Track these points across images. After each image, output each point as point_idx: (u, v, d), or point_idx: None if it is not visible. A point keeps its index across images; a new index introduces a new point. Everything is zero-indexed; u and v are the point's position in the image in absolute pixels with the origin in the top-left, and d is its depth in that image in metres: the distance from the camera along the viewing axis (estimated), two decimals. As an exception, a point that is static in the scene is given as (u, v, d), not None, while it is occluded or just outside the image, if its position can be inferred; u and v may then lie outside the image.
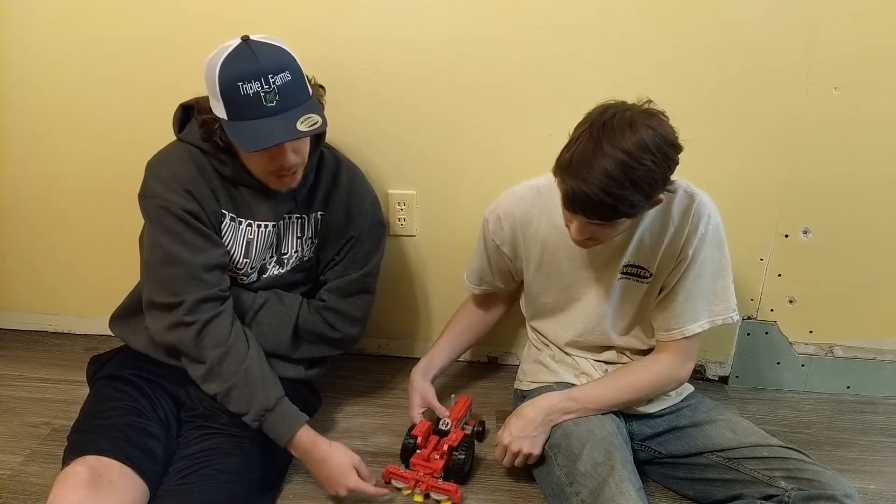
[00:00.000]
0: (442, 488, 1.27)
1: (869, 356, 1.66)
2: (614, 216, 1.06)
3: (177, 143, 1.27)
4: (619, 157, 1.00)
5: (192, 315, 1.21)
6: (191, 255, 1.22)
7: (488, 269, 1.41)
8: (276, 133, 1.11)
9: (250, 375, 1.23)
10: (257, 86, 1.09)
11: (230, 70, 1.10)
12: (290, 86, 1.12)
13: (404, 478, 1.29)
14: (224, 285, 1.26)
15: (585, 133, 1.04)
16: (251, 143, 1.12)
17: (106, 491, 1.07)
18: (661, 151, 1.02)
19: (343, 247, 1.38)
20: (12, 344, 1.84)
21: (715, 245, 1.22)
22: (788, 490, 1.12)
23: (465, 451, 1.33)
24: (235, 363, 1.22)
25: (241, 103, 1.10)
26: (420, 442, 1.34)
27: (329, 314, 1.38)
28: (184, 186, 1.22)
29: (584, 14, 1.41)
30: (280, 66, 1.12)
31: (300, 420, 1.25)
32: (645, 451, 1.33)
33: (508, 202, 1.32)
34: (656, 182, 1.05)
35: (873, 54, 1.39)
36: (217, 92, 1.11)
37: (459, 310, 1.54)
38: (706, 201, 1.21)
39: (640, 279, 1.27)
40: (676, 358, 1.28)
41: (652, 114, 1.06)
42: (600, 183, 1.01)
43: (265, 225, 1.31)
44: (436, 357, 1.48)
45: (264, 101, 1.10)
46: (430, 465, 1.30)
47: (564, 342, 1.39)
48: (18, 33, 1.55)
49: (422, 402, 1.42)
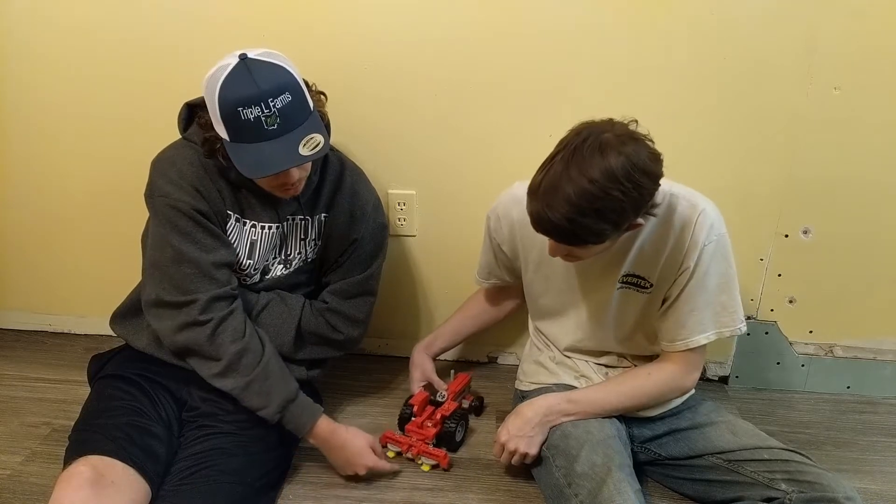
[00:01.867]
0: (432, 453, 1.36)
1: (869, 356, 1.66)
2: (578, 242, 1.06)
3: (182, 141, 1.27)
4: (584, 185, 0.98)
5: (207, 314, 1.21)
6: (201, 253, 1.22)
7: (495, 264, 1.42)
8: (278, 159, 1.11)
9: (270, 369, 1.25)
10: (258, 111, 1.09)
11: (230, 94, 1.09)
12: (291, 107, 1.12)
13: (399, 442, 1.39)
14: (233, 283, 1.27)
15: (559, 156, 1.03)
16: (253, 170, 1.13)
17: (108, 491, 1.08)
18: (630, 180, 0.99)
19: (346, 249, 1.38)
20: (12, 344, 1.84)
21: (720, 256, 1.18)
22: (789, 492, 1.12)
23: (458, 421, 1.42)
24: (254, 358, 1.24)
25: (242, 128, 1.10)
26: (416, 410, 1.44)
27: (331, 316, 1.39)
28: (193, 185, 1.22)
29: (584, 14, 1.40)
30: (279, 87, 1.10)
31: (319, 409, 1.30)
32: (645, 453, 1.33)
33: (507, 202, 1.32)
34: (625, 211, 1.02)
35: (873, 54, 1.39)
36: (218, 115, 1.11)
37: (470, 298, 1.57)
38: (710, 212, 1.16)
39: (640, 289, 1.26)
40: (681, 368, 1.26)
41: (631, 137, 1.02)
42: (564, 211, 1.00)
43: (269, 227, 1.31)
44: (440, 336, 1.54)
45: (265, 125, 1.10)
46: (423, 431, 1.39)
47: (564, 346, 1.39)
48: (18, 33, 1.54)
49: (421, 377, 1.49)
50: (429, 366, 1.51)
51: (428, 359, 1.52)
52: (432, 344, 1.54)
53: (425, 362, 1.51)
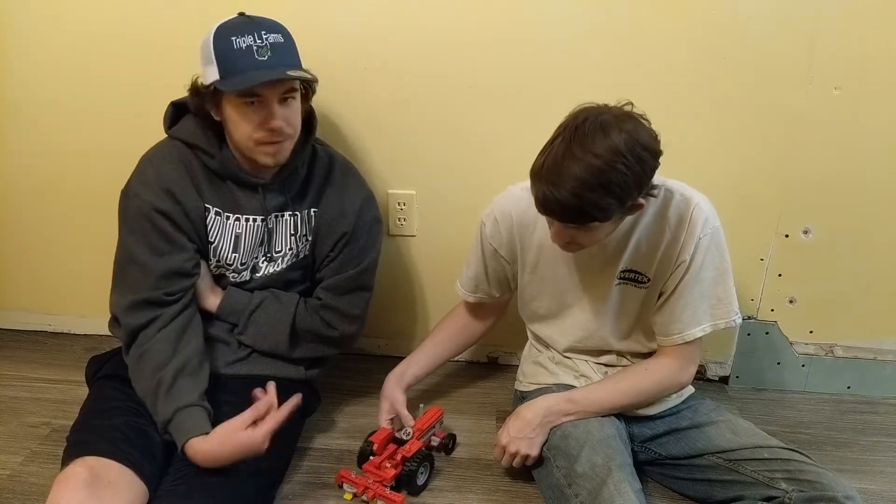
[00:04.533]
0: (387, 497, 1.25)
1: (869, 356, 1.66)
2: (585, 220, 1.06)
3: (166, 139, 1.29)
4: (590, 161, 1.00)
5: (130, 316, 1.23)
6: (151, 257, 1.23)
7: (484, 277, 1.40)
8: (266, 76, 1.14)
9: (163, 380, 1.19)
10: (250, 39, 1.14)
11: (224, 29, 1.16)
12: (283, 46, 1.18)
13: (354, 483, 1.28)
14: (171, 289, 1.25)
15: (559, 137, 1.04)
16: (240, 83, 1.14)
17: (105, 492, 1.07)
18: (633, 155, 1.02)
19: (337, 243, 1.37)
20: (12, 344, 1.84)
21: (714, 249, 1.20)
22: (789, 492, 1.12)
23: (420, 462, 1.30)
24: (152, 365, 1.21)
25: (233, 56, 1.14)
26: (376, 448, 1.32)
27: (326, 312, 1.38)
28: (163, 185, 1.23)
29: (584, 14, 1.41)
30: (274, 27, 1.18)
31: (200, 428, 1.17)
32: (645, 453, 1.33)
33: (505, 203, 1.32)
34: (629, 186, 1.04)
35: (873, 54, 1.39)
36: (211, 52, 1.15)
37: (446, 318, 1.52)
38: (704, 205, 1.19)
39: (637, 284, 1.26)
40: (677, 362, 1.27)
41: (629, 116, 1.05)
42: (570, 187, 1.01)
43: (253, 219, 1.31)
44: (412, 365, 1.45)
45: (256, 54, 1.14)
46: (381, 472, 1.28)
47: (563, 347, 1.38)
48: (18, 33, 1.55)
49: (390, 409, 1.38)
50: (399, 397, 1.39)
51: (398, 389, 1.40)
52: (404, 374, 1.43)
53: (395, 393, 1.39)
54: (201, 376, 1.23)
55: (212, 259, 1.33)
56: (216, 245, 1.31)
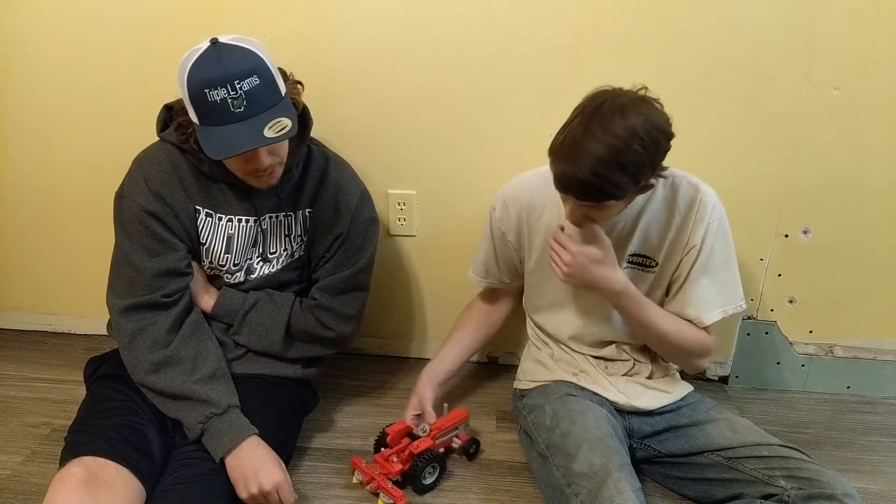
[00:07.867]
0: (388, 491, 1.26)
1: (869, 356, 1.66)
2: (602, 198, 1.09)
3: (158, 142, 1.29)
4: (609, 140, 1.03)
5: (125, 319, 1.24)
6: (144, 257, 1.24)
7: (494, 262, 1.41)
8: (242, 141, 1.11)
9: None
10: (224, 92, 1.09)
11: (197, 76, 1.10)
12: (258, 90, 1.11)
13: (363, 471, 1.31)
14: (166, 289, 1.25)
15: (578, 118, 1.07)
16: (218, 151, 1.12)
17: (102, 491, 1.07)
18: (649, 137, 1.05)
19: (332, 244, 1.36)
20: (12, 344, 1.84)
21: (722, 235, 1.24)
22: (788, 489, 1.12)
23: (427, 462, 1.30)
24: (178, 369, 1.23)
25: (209, 109, 1.11)
26: (390, 440, 1.34)
27: (321, 313, 1.37)
28: (152, 187, 1.24)
29: (584, 14, 1.41)
30: (247, 70, 1.11)
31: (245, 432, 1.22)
32: (644, 450, 1.33)
33: (515, 186, 1.34)
34: (644, 166, 1.07)
35: (873, 54, 1.39)
36: (187, 97, 1.13)
37: (464, 311, 1.53)
38: (710, 192, 1.23)
39: (645, 269, 1.29)
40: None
41: (644, 100, 1.08)
42: (589, 165, 1.04)
43: (245, 220, 1.31)
44: (442, 360, 1.46)
45: (231, 107, 1.10)
46: (388, 466, 1.29)
47: (567, 335, 1.39)
48: (16, 33, 1.55)
49: (416, 405, 1.40)
50: (427, 394, 1.40)
51: (429, 386, 1.41)
52: (436, 369, 1.44)
53: (425, 389, 1.41)
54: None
55: (205, 260, 1.33)
56: (208, 246, 1.31)
